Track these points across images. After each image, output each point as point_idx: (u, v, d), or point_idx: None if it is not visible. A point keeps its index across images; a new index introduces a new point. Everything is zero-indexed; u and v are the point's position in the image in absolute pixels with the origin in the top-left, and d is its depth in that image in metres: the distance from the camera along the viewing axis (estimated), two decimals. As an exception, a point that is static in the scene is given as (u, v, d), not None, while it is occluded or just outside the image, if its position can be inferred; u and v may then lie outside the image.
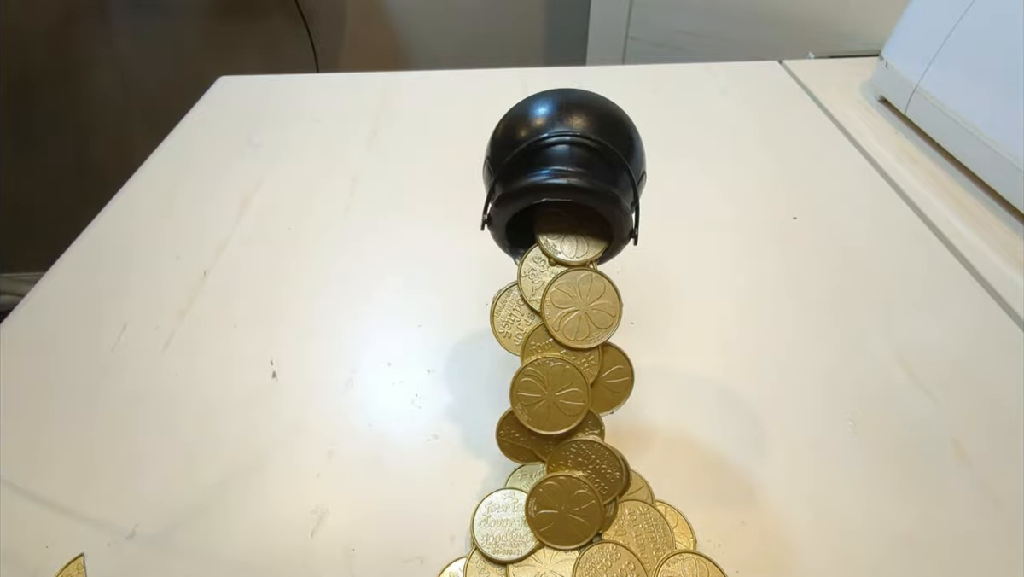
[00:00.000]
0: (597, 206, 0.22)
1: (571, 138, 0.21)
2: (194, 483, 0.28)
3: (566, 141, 0.22)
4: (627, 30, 0.92)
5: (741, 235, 0.42)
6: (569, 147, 0.22)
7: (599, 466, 0.24)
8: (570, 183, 0.21)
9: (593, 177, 0.21)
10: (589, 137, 0.21)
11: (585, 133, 0.22)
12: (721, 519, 0.26)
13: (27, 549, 0.26)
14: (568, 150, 0.22)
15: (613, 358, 0.24)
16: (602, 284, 0.23)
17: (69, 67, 1.13)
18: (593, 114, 0.22)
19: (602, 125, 0.22)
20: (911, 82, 0.50)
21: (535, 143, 0.22)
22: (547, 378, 0.23)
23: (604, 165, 0.22)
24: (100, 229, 0.44)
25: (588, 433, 0.24)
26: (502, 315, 0.24)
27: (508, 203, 0.22)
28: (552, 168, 0.21)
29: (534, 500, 0.24)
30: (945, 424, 0.30)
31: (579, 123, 0.22)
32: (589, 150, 0.22)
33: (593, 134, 0.22)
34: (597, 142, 0.22)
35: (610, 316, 0.23)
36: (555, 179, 0.21)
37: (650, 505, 0.26)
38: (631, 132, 0.23)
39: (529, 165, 0.22)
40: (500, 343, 0.24)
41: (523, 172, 0.22)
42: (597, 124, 0.22)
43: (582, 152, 0.22)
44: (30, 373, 0.34)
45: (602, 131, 0.22)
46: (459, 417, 0.31)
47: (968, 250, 0.40)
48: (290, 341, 0.35)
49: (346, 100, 0.59)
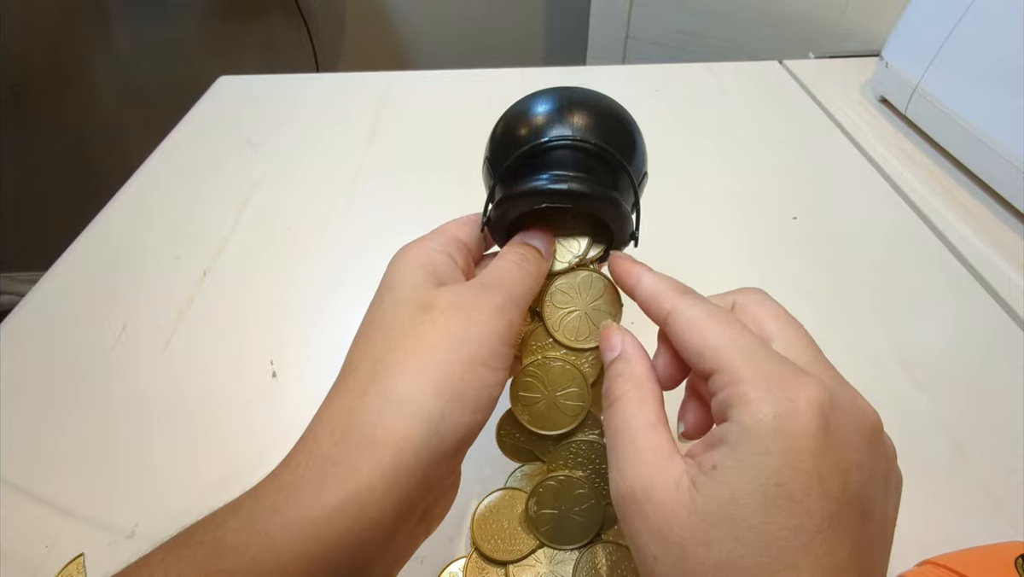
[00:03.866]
0: (597, 210, 0.22)
1: (571, 141, 0.21)
2: (194, 483, 0.28)
3: (566, 145, 0.21)
4: (627, 30, 0.92)
5: (741, 234, 0.42)
6: (569, 151, 0.21)
7: (599, 466, 0.24)
8: (570, 188, 0.21)
9: (593, 181, 0.21)
10: (589, 140, 0.21)
11: (585, 136, 0.21)
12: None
13: (27, 549, 0.26)
14: (568, 154, 0.21)
15: None
16: (602, 284, 0.23)
17: (69, 67, 1.13)
18: (594, 114, 0.22)
19: (603, 126, 0.22)
20: (911, 82, 0.50)
21: (535, 147, 0.21)
22: (547, 378, 0.23)
23: (604, 168, 0.22)
24: (100, 229, 0.44)
25: (588, 433, 0.24)
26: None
27: (508, 206, 0.22)
28: (552, 172, 0.21)
29: (534, 500, 0.24)
30: (945, 424, 0.30)
31: (580, 124, 0.22)
32: (589, 153, 0.22)
33: (593, 136, 0.21)
34: (597, 145, 0.21)
35: (610, 316, 0.23)
36: (555, 184, 0.21)
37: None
38: (633, 132, 0.23)
39: (529, 168, 0.22)
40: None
41: (523, 175, 0.22)
42: (598, 125, 0.22)
43: (582, 156, 0.21)
44: (30, 373, 0.34)
45: (603, 133, 0.22)
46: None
47: (968, 250, 0.40)
48: (290, 341, 0.35)
49: (346, 100, 0.59)
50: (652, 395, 0.18)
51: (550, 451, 0.24)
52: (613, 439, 0.18)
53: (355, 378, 0.19)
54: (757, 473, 0.14)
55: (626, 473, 0.17)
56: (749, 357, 0.16)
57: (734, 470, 0.15)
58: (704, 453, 0.16)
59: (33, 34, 1.08)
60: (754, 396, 0.15)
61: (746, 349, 0.16)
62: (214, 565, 0.15)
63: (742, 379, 0.15)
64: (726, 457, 0.15)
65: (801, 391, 0.15)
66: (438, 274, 0.20)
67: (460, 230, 0.23)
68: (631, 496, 0.16)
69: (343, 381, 0.19)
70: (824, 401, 0.15)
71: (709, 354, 0.17)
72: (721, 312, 0.18)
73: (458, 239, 0.22)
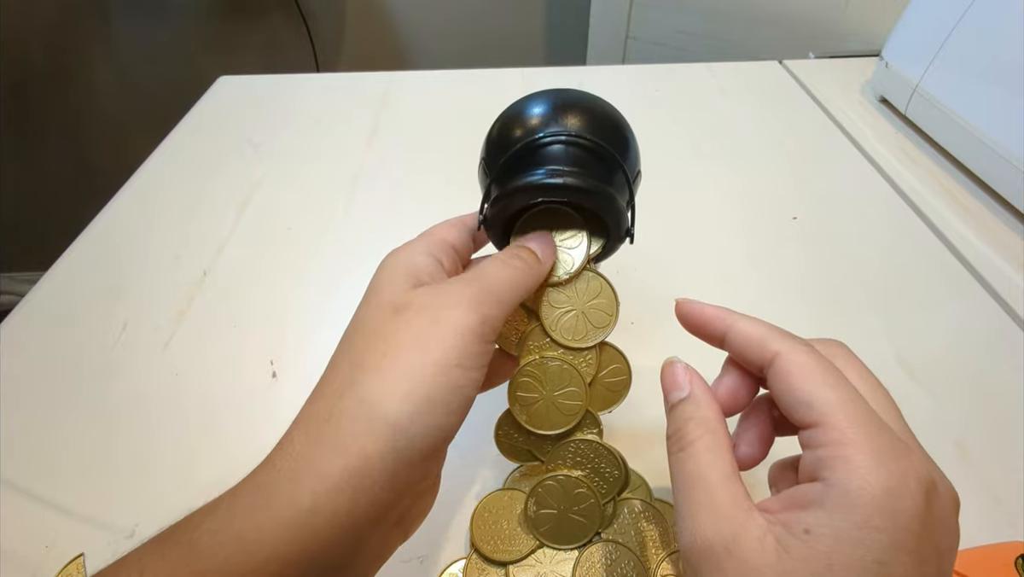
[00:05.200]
0: (593, 205, 0.22)
1: (566, 137, 0.21)
2: (194, 483, 0.28)
3: (561, 140, 0.21)
4: (627, 30, 0.92)
5: (741, 235, 0.42)
6: (564, 146, 0.21)
7: (598, 465, 0.24)
8: (566, 182, 0.21)
9: (588, 176, 0.21)
10: (584, 136, 0.21)
11: (580, 132, 0.21)
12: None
13: (27, 549, 0.26)
14: (563, 149, 0.21)
15: (611, 357, 0.24)
16: (599, 283, 0.23)
17: (69, 67, 1.13)
18: (588, 113, 0.22)
19: (597, 124, 0.22)
20: (911, 82, 0.50)
21: (530, 143, 0.22)
22: (545, 378, 0.23)
23: (599, 164, 0.22)
24: (100, 229, 0.44)
25: (587, 432, 0.24)
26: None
27: (504, 203, 0.22)
28: (548, 168, 0.21)
29: (533, 500, 0.24)
30: (946, 424, 0.30)
31: (574, 122, 0.22)
32: (584, 149, 0.22)
33: (588, 133, 0.21)
34: (592, 141, 0.21)
35: (607, 315, 0.23)
36: (551, 178, 0.21)
37: (649, 504, 0.26)
38: (625, 131, 0.23)
39: (524, 165, 0.22)
40: (498, 344, 0.24)
41: (519, 172, 0.22)
42: (592, 123, 0.22)
43: (577, 151, 0.22)
44: (30, 373, 0.34)
45: (597, 130, 0.22)
46: (459, 417, 0.31)
47: (968, 250, 0.40)
48: (290, 341, 0.35)
49: (346, 100, 0.59)
50: (725, 443, 0.18)
51: (549, 451, 0.24)
52: (688, 488, 0.17)
53: (334, 380, 0.19)
54: (858, 547, 0.14)
55: (703, 525, 0.16)
56: (863, 422, 0.15)
57: (831, 539, 0.14)
58: (790, 512, 0.15)
59: (33, 34, 1.09)
60: (863, 465, 0.15)
61: (860, 413, 0.16)
62: (187, 566, 0.15)
63: (852, 443, 0.15)
64: (822, 523, 0.14)
65: (911, 469, 0.15)
66: (420, 276, 0.20)
67: (448, 232, 0.23)
68: (709, 550, 0.16)
69: (324, 383, 0.19)
70: (930, 482, 0.15)
71: (819, 407, 0.16)
72: (831, 364, 0.17)
73: (445, 241, 0.22)
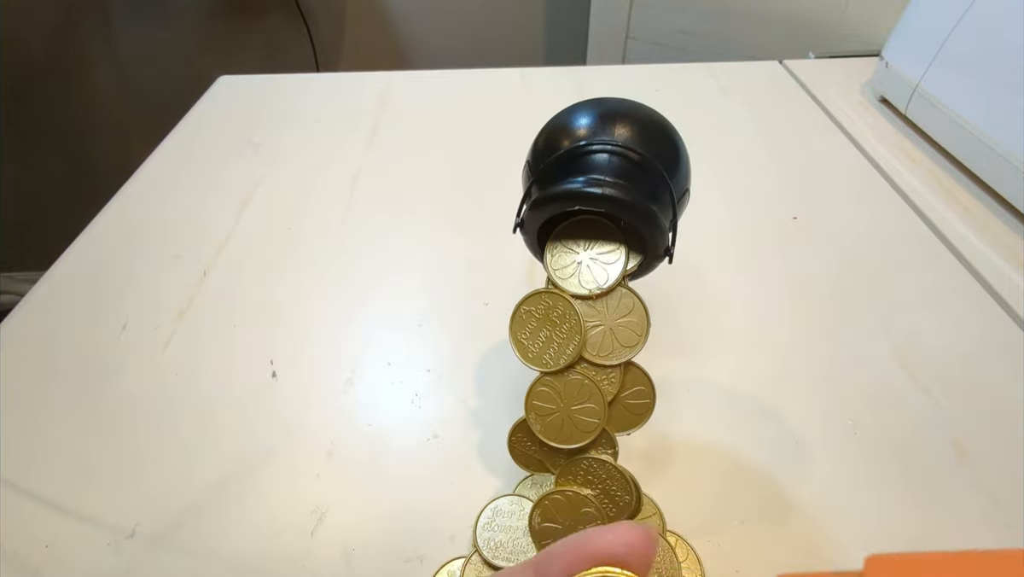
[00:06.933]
0: (631, 220, 0.21)
1: (612, 147, 0.21)
2: (194, 483, 0.28)
3: (607, 150, 0.21)
4: (627, 30, 0.92)
5: (741, 235, 0.42)
6: (609, 156, 0.21)
7: (609, 487, 0.23)
8: (605, 193, 0.20)
9: (631, 190, 0.20)
10: (632, 148, 0.21)
11: (628, 144, 0.21)
12: (720, 519, 0.26)
13: (27, 549, 0.26)
14: (608, 159, 0.21)
15: (636, 378, 0.23)
16: (631, 301, 0.22)
17: (69, 67, 1.13)
18: (638, 124, 0.21)
19: (647, 136, 0.21)
20: (911, 82, 0.50)
21: (575, 149, 0.21)
22: (564, 390, 0.22)
23: (644, 178, 0.21)
24: (100, 229, 0.44)
25: (601, 452, 0.23)
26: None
27: (541, 207, 0.21)
28: (589, 176, 0.21)
29: (538, 512, 0.23)
30: (945, 424, 0.30)
31: (622, 133, 0.21)
32: (630, 161, 0.21)
33: (636, 145, 0.21)
34: (640, 154, 0.21)
35: (636, 335, 0.22)
36: (590, 188, 0.20)
37: (660, 535, 0.25)
38: (677, 146, 0.22)
39: (566, 171, 0.21)
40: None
41: (560, 177, 0.21)
42: (641, 135, 0.21)
43: (623, 162, 0.21)
44: (30, 373, 0.34)
45: (646, 143, 0.21)
46: (459, 417, 0.31)
47: (968, 250, 0.40)
48: (290, 341, 0.35)
49: (346, 100, 0.59)
50: None
51: (560, 464, 0.23)
52: None
53: None
54: None
55: None
56: None
57: None
58: None
59: (34, 34, 1.09)
60: None
61: None
62: None
63: None
64: None
65: None
66: None
67: None
68: None
69: None
70: None
71: None
72: None
73: None
